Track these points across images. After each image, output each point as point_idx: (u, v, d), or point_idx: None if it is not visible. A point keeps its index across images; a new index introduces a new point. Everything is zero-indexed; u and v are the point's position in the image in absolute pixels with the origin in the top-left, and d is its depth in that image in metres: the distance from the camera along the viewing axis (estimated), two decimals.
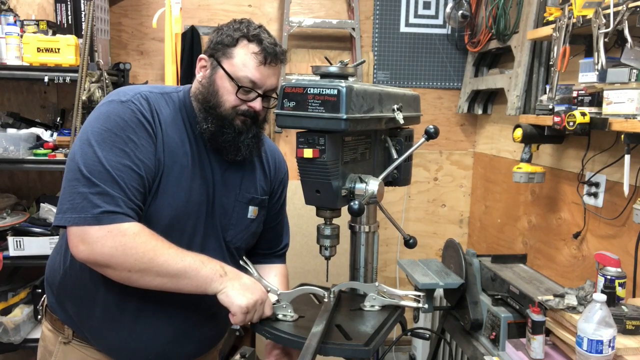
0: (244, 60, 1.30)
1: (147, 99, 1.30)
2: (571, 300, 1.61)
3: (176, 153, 1.31)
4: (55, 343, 1.38)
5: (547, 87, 2.23)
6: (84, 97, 2.43)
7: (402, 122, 1.33)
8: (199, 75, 1.37)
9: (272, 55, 1.31)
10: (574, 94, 2.03)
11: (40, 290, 2.60)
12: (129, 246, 1.15)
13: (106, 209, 1.15)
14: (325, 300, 1.32)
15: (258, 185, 1.47)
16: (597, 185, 2.14)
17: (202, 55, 1.37)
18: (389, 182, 1.45)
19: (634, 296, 1.89)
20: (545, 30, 2.21)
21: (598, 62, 1.81)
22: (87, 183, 1.16)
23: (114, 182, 1.17)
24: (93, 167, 1.17)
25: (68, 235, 1.19)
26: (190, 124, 1.36)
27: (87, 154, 1.19)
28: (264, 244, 1.59)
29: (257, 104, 1.32)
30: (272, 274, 1.57)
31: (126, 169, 1.19)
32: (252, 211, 1.45)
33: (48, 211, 2.62)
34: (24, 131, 2.62)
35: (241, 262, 1.32)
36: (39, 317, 1.50)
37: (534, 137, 2.26)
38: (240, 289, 1.21)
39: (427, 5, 3.29)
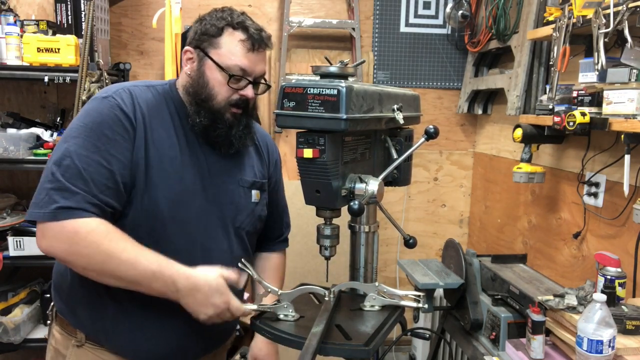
0: (231, 48, 1.30)
1: (129, 93, 1.30)
2: (571, 300, 1.61)
3: (162, 146, 1.30)
4: (68, 346, 1.38)
5: (547, 87, 2.23)
6: (84, 97, 2.43)
7: (402, 122, 1.33)
8: (187, 67, 1.36)
9: (259, 41, 1.31)
10: (574, 94, 2.03)
11: (48, 296, 2.59)
12: (81, 245, 1.16)
13: (62, 205, 1.16)
14: (326, 299, 1.32)
15: (256, 169, 1.50)
16: (597, 185, 2.14)
17: (187, 47, 1.36)
18: (389, 182, 1.46)
19: (634, 296, 1.89)
20: (545, 30, 2.21)
21: (598, 62, 1.81)
22: (52, 179, 1.18)
23: (78, 177, 1.18)
24: (62, 162, 1.19)
25: (36, 230, 1.21)
26: (178, 115, 1.35)
27: (60, 150, 1.21)
28: (266, 230, 1.60)
29: (249, 92, 1.33)
30: (268, 266, 1.64)
31: (95, 164, 1.20)
32: (255, 195, 1.47)
33: None
34: (24, 131, 2.61)
35: (239, 265, 1.32)
36: (48, 321, 1.50)
37: (534, 137, 2.26)
38: (195, 306, 1.22)
39: (427, 5, 3.29)
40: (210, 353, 1.47)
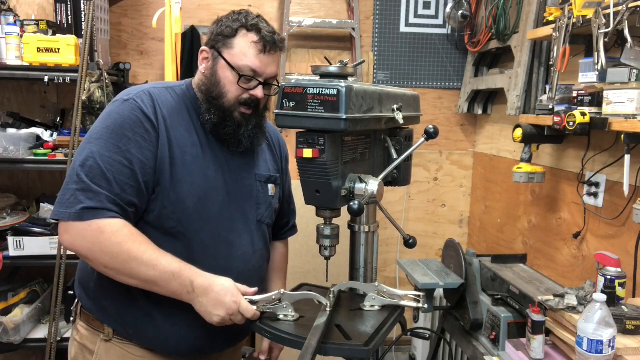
0: (243, 49, 1.33)
1: (150, 95, 1.34)
2: (571, 300, 1.61)
3: (184, 144, 1.34)
4: (96, 341, 1.39)
5: (547, 87, 2.23)
6: (84, 97, 2.43)
7: (401, 122, 1.33)
8: (202, 67, 1.40)
9: (271, 44, 1.34)
10: (574, 94, 2.03)
11: (72, 293, 2.56)
12: (105, 244, 1.20)
13: (87, 205, 1.21)
14: (326, 299, 1.32)
15: (270, 164, 1.55)
16: (597, 185, 2.14)
17: (203, 48, 1.41)
18: (388, 182, 1.46)
19: (634, 296, 1.89)
20: (545, 30, 2.21)
21: (598, 62, 1.81)
22: (77, 180, 1.23)
23: (102, 177, 1.22)
24: (86, 163, 1.23)
25: (58, 226, 1.26)
26: (197, 114, 1.39)
27: (83, 152, 1.26)
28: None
29: (258, 92, 1.36)
30: (276, 255, 1.68)
31: (117, 164, 1.24)
32: (271, 189, 1.52)
33: (48, 211, 2.62)
34: (24, 131, 2.61)
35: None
36: (71, 318, 1.53)
37: (534, 137, 2.26)
38: (208, 306, 1.25)
39: (427, 5, 3.29)
40: (233, 347, 1.51)
